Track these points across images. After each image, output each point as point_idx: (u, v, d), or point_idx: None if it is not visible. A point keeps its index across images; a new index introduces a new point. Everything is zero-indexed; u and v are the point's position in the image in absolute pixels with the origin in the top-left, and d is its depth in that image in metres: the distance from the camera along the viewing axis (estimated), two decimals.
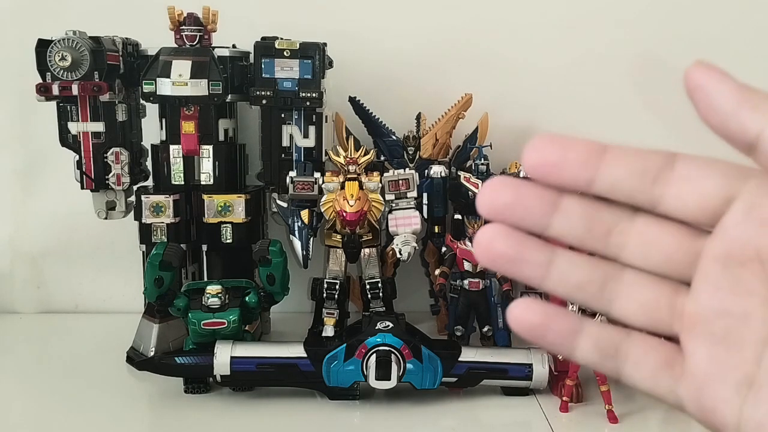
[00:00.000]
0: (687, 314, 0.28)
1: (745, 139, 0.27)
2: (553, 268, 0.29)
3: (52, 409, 0.83)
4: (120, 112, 0.92)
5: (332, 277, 0.91)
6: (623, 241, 0.29)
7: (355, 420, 0.81)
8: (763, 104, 0.27)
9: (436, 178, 0.96)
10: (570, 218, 0.29)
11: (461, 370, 0.83)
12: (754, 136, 0.27)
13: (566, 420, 0.80)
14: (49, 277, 1.16)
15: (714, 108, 0.27)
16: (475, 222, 0.90)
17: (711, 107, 0.27)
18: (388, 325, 0.81)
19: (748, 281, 0.27)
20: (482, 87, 1.04)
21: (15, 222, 1.14)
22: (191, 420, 0.81)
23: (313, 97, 0.91)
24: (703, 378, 0.28)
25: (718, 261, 0.28)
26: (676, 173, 0.28)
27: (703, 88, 0.27)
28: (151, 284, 0.82)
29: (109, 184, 0.92)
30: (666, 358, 0.29)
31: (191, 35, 0.91)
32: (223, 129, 0.95)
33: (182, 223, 0.93)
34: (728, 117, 0.27)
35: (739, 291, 0.27)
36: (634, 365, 0.29)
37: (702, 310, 0.28)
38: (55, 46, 0.85)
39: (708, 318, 0.28)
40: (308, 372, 0.82)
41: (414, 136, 1.02)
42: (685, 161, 0.28)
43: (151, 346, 0.92)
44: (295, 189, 0.90)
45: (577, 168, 0.28)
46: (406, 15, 1.10)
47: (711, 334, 0.28)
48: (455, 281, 0.93)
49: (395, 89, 1.09)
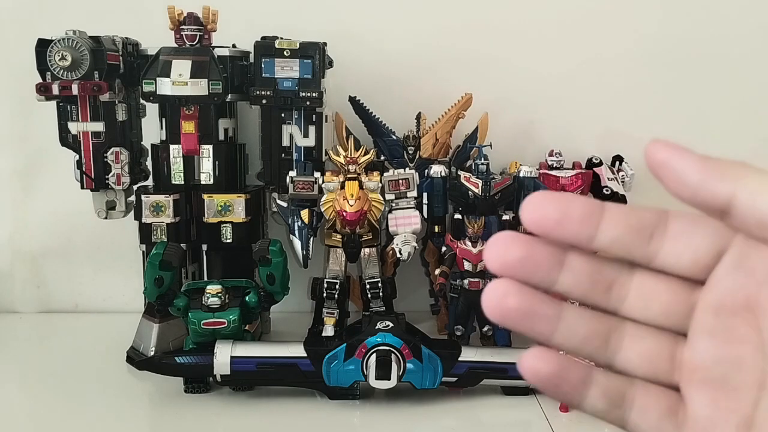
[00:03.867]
0: (685, 363, 0.30)
1: (716, 206, 0.28)
2: (561, 322, 0.30)
3: (53, 408, 0.83)
4: (120, 112, 0.92)
5: (332, 276, 0.91)
6: (624, 294, 0.30)
7: (355, 420, 0.81)
8: (728, 171, 0.28)
9: (436, 178, 0.96)
10: (576, 273, 0.30)
11: (461, 369, 0.83)
12: (725, 203, 0.28)
13: (566, 420, 0.80)
14: (49, 277, 1.16)
15: (682, 182, 0.28)
16: (475, 222, 0.90)
17: (679, 182, 0.28)
18: (388, 324, 0.81)
19: (740, 329, 0.29)
20: (482, 87, 1.04)
21: (15, 222, 1.14)
22: (191, 420, 0.81)
23: (313, 96, 0.91)
24: (704, 423, 0.29)
25: (711, 311, 0.29)
26: (669, 231, 0.29)
27: (667, 165, 0.28)
28: (151, 284, 0.82)
29: (109, 183, 0.92)
30: (669, 406, 0.30)
31: (191, 35, 0.91)
32: (223, 129, 0.95)
33: (182, 222, 0.93)
34: (697, 188, 0.28)
35: (731, 338, 0.29)
36: (640, 413, 0.30)
37: (699, 358, 0.29)
38: (55, 45, 0.85)
39: (705, 365, 0.29)
40: (308, 372, 0.82)
41: (414, 136, 1.02)
42: (678, 219, 0.29)
43: (151, 345, 0.92)
44: (295, 189, 0.90)
45: (578, 225, 0.29)
46: (406, 15, 1.10)
47: (709, 381, 0.29)
48: (455, 281, 0.93)
49: (395, 89, 1.09)
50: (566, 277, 0.30)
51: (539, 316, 0.30)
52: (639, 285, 0.30)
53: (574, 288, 0.30)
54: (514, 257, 0.29)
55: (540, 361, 0.30)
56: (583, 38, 1.10)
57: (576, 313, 0.30)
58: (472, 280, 0.92)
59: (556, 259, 0.30)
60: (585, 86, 1.11)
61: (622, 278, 0.30)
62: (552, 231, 0.29)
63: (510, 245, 0.29)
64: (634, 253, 0.29)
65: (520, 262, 0.29)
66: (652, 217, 0.29)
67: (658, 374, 0.30)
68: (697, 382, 0.29)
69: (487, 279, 0.93)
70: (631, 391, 0.31)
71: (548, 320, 0.30)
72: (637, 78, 1.11)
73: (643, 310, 0.30)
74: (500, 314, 0.30)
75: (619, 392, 0.31)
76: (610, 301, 0.30)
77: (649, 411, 0.30)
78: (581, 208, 0.29)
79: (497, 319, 0.30)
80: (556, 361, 0.30)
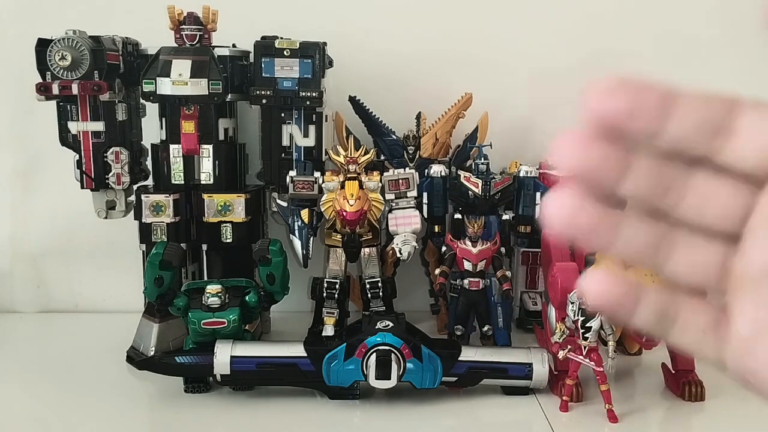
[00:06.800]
0: (735, 273, 0.28)
1: None
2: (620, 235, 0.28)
3: (52, 408, 0.83)
4: (120, 112, 0.92)
5: (332, 276, 0.91)
6: (681, 196, 0.28)
7: (355, 419, 0.81)
8: None
9: (436, 178, 0.96)
10: (640, 177, 0.27)
11: (461, 369, 0.83)
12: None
13: (566, 419, 0.80)
14: (49, 277, 1.16)
15: None
16: (475, 221, 0.90)
17: None
18: (388, 324, 0.81)
19: None
20: (482, 87, 1.04)
21: (15, 222, 1.14)
22: (191, 420, 0.80)
23: (313, 96, 0.91)
24: (746, 340, 0.27)
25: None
26: (738, 124, 0.27)
27: None
28: (151, 284, 0.82)
29: (109, 183, 0.92)
30: (712, 321, 0.29)
31: (191, 35, 0.91)
32: (223, 128, 0.95)
33: (182, 222, 0.94)
34: None
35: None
36: (682, 328, 0.29)
37: (749, 268, 0.27)
38: (55, 45, 0.85)
39: (755, 278, 0.27)
40: (308, 371, 0.82)
41: (414, 136, 1.02)
42: (749, 111, 0.27)
43: (151, 345, 0.92)
44: (295, 188, 0.90)
45: (651, 115, 0.26)
46: (407, 15, 1.10)
47: (757, 296, 0.27)
48: (455, 281, 0.93)
49: (395, 89, 1.09)
50: (632, 180, 0.27)
51: (603, 231, 0.28)
52: (697, 186, 0.28)
53: (637, 191, 0.28)
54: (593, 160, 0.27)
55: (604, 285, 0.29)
56: (583, 38, 1.10)
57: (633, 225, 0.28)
58: (472, 280, 0.92)
59: (626, 161, 0.27)
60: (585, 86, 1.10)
61: (680, 180, 0.28)
62: (621, 124, 0.26)
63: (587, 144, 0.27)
64: (697, 148, 0.27)
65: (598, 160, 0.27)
66: (722, 107, 0.27)
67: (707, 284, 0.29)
68: (745, 296, 0.27)
69: (487, 279, 0.93)
70: (673, 306, 0.29)
71: (609, 234, 0.28)
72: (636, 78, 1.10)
73: (698, 215, 0.28)
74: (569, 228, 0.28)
75: (666, 307, 0.29)
76: (665, 204, 0.28)
77: (691, 326, 0.29)
78: (654, 98, 0.26)
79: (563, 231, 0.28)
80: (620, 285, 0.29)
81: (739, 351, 0.28)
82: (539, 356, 0.83)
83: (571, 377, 0.81)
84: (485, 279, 0.92)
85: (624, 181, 0.27)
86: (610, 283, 0.29)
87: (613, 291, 0.29)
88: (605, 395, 0.79)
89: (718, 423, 0.81)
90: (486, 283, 0.93)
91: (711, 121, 0.26)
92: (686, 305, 0.29)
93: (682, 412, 0.83)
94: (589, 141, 0.27)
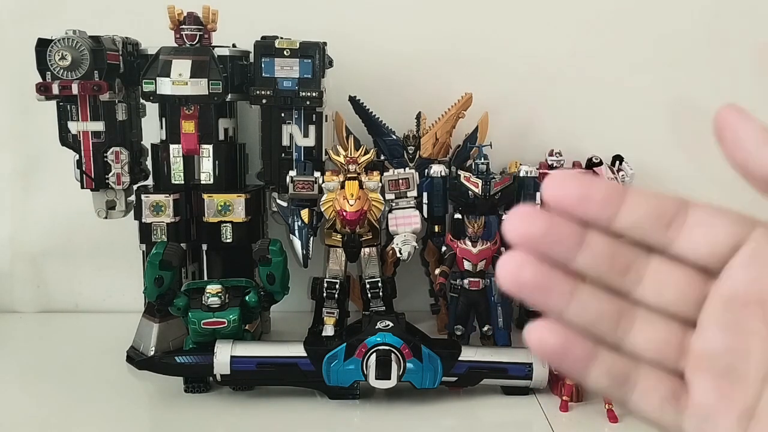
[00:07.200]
0: (693, 351, 0.30)
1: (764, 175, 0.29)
2: (574, 299, 0.30)
3: (52, 408, 0.83)
4: (120, 112, 0.92)
5: (332, 276, 0.91)
6: (639, 278, 0.30)
7: (355, 420, 0.81)
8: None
9: (436, 178, 0.96)
10: (595, 253, 0.30)
11: (461, 369, 0.83)
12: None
13: (566, 419, 0.80)
14: (49, 277, 1.16)
15: (739, 145, 0.30)
16: (475, 221, 0.90)
17: (736, 144, 0.30)
18: (388, 324, 0.81)
19: (750, 321, 0.29)
20: (482, 87, 1.04)
21: (15, 222, 1.14)
22: (191, 420, 0.81)
23: (313, 96, 0.91)
24: (706, 410, 0.30)
25: (723, 302, 0.30)
26: (689, 219, 0.30)
27: (730, 127, 0.30)
28: (151, 284, 0.82)
29: (109, 183, 0.92)
30: (671, 391, 0.31)
31: (191, 34, 0.91)
32: (223, 128, 0.95)
33: (182, 222, 0.93)
34: (751, 153, 0.29)
35: (741, 330, 0.29)
36: (642, 395, 0.31)
37: (707, 347, 0.30)
38: (55, 45, 0.85)
39: (712, 354, 0.30)
40: (308, 371, 0.82)
41: (414, 136, 1.02)
42: (698, 209, 0.30)
43: (151, 345, 0.92)
44: (295, 188, 0.90)
45: (599, 206, 0.29)
46: (407, 15, 1.10)
47: (715, 370, 0.30)
48: (455, 281, 0.93)
49: (395, 89, 1.09)
50: (585, 255, 0.30)
51: (553, 291, 0.30)
52: (655, 270, 0.30)
53: (592, 267, 0.30)
54: (537, 230, 0.29)
55: (547, 332, 0.30)
56: (583, 38, 1.10)
57: (589, 292, 0.30)
58: (472, 280, 0.92)
59: (578, 237, 0.30)
60: (585, 86, 1.11)
61: (640, 262, 0.30)
62: (573, 208, 0.29)
63: (534, 218, 0.29)
64: (652, 237, 0.30)
65: (543, 235, 0.29)
66: (673, 204, 0.30)
67: (665, 360, 0.31)
68: (703, 371, 0.30)
69: (487, 279, 0.93)
70: (635, 372, 0.31)
71: (561, 295, 0.30)
72: (637, 78, 1.11)
73: (657, 296, 0.30)
74: (514, 285, 0.30)
75: (624, 372, 0.31)
76: (625, 283, 0.30)
77: (651, 394, 0.31)
78: (603, 189, 0.30)
79: (510, 289, 0.30)
80: (563, 334, 0.30)
81: (698, 422, 0.30)
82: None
83: None
84: (485, 279, 0.92)
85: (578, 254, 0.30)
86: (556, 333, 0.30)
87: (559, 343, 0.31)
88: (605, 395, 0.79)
89: None
90: (486, 283, 0.93)
91: (662, 213, 0.30)
92: (646, 374, 0.31)
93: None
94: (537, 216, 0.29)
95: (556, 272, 0.30)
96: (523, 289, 0.30)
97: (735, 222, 0.30)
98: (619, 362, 0.31)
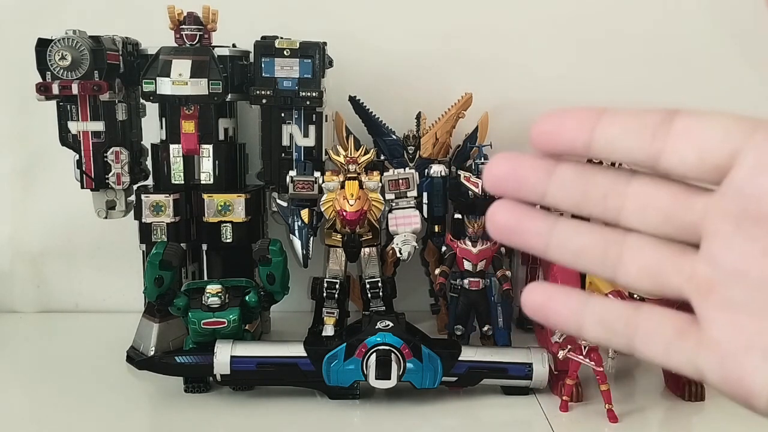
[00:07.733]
0: (699, 277, 0.27)
1: None
2: (554, 236, 0.30)
3: (52, 408, 0.83)
4: (120, 112, 0.92)
5: (332, 276, 0.91)
6: (620, 203, 0.28)
7: (355, 420, 0.81)
8: None
9: (436, 178, 0.96)
10: (564, 184, 0.29)
11: (461, 369, 0.83)
12: None
13: (566, 419, 0.80)
14: (49, 277, 1.16)
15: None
16: (475, 221, 0.90)
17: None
18: (388, 324, 0.81)
19: (765, 240, 0.25)
20: (482, 86, 1.04)
21: (15, 222, 1.14)
22: (191, 420, 0.81)
23: (313, 96, 0.91)
24: (726, 347, 0.26)
25: (730, 220, 0.26)
26: (674, 128, 0.27)
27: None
28: (151, 283, 0.82)
29: (109, 183, 0.92)
30: (679, 329, 0.28)
31: (191, 34, 0.91)
32: (223, 128, 0.95)
33: (182, 222, 0.93)
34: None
35: (755, 252, 0.25)
36: (645, 339, 0.28)
37: (716, 273, 0.26)
38: (55, 45, 0.85)
39: (724, 282, 0.26)
40: (308, 371, 0.82)
41: (414, 136, 1.02)
42: (685, 116, 0.27)
43: (151, 345, 0.91)
44: (295, 188, 0.90)
45: (573, 131, 0.28)
46: (407, 15, 1.09)
47: (730, 301, 0.26)
48: (455, 281, 0.93)
49: (395, 89, 1.09)
50: (555, 187, 0.29)
51: (528, 231, 0.30)
52: (635, 194, 0.28)
53: (564, 199, 0.29)
54: (499, 172, 0.30)
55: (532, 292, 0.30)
56: (583, 38, 1.10)
57: (569, 226, 0.29)
58: (472, 280, 0.92)
59: (544, 171, 0.29)
60: (585, 86, 1.11)
61: (619, 187, 0.28)
62: (548, 143, 0.29)
63: (499, 162, 0.30)
64: (635, 154, 0.27)
65: (506, 176, 0.30)
66: (657, 116, 0.27)
67: (663, 288, 0.28)
68: (716, 302, 0.26)
69: (487, 279, 0.93)
70: (634, 318, 0.29)
71: (539, 234, 0.30)
72: (637, 78, 1.10)
73: (641, 219, 0.28)
74: (493, 230, 0.30)
75: (620, 319, 0.29)
76: (606, 212, 0.29)
77: (656, 336, 0.28)
78: (576, 115, 0.28)
79: (493, 235, 0.31)
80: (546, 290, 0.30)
81: (717, 360, 0.27)
82: (539, 356, 0.83)
83: (571, 377, 0.81)
84: (485, 279, 0.92)
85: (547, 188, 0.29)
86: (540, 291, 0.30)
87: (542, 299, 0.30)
88: (605, 395, 0.79)
89: (718, 423, 0.81)
90: (486, 283, 0.93)
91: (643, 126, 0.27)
92: (646, 315, 0.29)
93: (682, 411, 0.83)
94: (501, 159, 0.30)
95: (532, 212, 0.30)
96: (501, 233, 0.30)
97: (728, 127, 0.26)
98: (613, 308, 0.29)
